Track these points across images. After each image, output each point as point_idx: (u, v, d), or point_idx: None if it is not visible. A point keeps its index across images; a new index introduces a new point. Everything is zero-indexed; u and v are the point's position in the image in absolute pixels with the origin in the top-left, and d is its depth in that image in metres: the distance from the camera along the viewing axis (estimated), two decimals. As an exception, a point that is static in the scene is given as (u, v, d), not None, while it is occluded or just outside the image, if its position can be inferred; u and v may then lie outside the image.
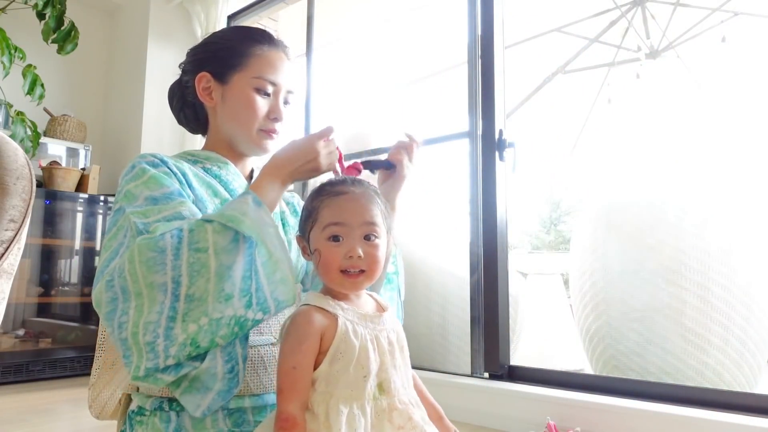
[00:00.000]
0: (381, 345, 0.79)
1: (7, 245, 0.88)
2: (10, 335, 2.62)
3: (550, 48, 4.83)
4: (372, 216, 0.81)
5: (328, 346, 0.75)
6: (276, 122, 1.02)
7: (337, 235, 0.79)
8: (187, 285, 0.75)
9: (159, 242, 0.76)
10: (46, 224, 2.78)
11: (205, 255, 0.76)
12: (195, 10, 3.21)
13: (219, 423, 0.84)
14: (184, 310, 0.75)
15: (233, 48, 1.02)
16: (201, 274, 0.76)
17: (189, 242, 0.76)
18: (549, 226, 12.34)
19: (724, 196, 2.25)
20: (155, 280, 0.75)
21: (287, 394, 0.73)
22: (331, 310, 0.78)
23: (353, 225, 0.79)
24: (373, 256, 0.80)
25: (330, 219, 0.80)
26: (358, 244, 0.79)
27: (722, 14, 3.98)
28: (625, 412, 1.61)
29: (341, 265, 0.78)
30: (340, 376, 0.75)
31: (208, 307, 0.75)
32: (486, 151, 2.11)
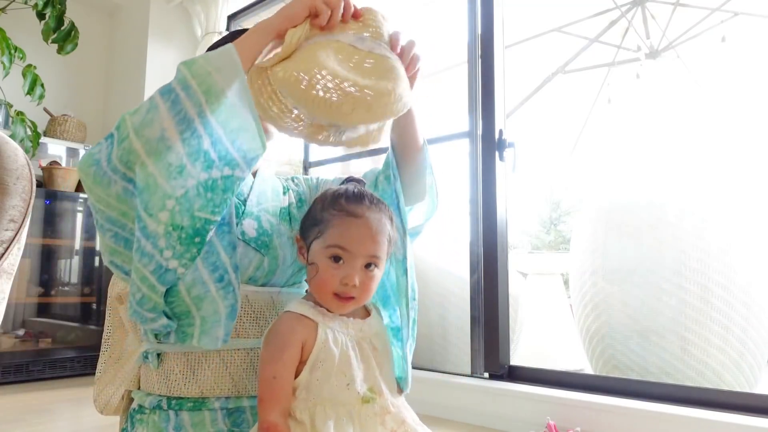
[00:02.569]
0: (364, 350, 0.78)
1: (7, 245, 0.88)
2: (10, 335, 2.62)
3: (550, 48, 4.84)
4: (377, 249, 0.80)
5: (309, 354, 0.75)
6: None
7: (339, 257, 0.78)
8: (136, 174, 0.70)
9: (94, 155, 0.72)
10: (46, 224, 2.78)
11: (128, 141, 0.70)
12: (195, 10, 3.21)
13: (218, 422, 0.84)
14: (144, 203, 0.69)
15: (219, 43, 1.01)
16: (135, 162, 0.70)
17: (117, 140, 0.71)
18: (549, 226, 12.34)
19: (724, 196, 2.25)
20: (115, 190, 0.71)
21: (267, 403, 0.73)
22: (312, 317, 0.77)
23: (357, 254, 0.78)
24: (367, 286, 0.79)
25: (336, 241, 0.78)
26: (357, 272, 0.78)
27: (722, 14, 3.98)
28: (625, 412, 1.61)
29: (335, 289, 0.77)
30: (322, 384, 0.74)
31: (166, 188, 0.69)
32: (486, 151, 2.11)
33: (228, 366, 0.86)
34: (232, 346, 0.86)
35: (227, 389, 0.85)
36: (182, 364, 0.85)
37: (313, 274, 0.80)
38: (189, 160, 0.69)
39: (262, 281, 0.92)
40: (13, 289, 2.13)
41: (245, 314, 0.89)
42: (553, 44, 4.71)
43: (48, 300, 2.81)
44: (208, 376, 0.85)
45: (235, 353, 0.87)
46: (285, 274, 0.95)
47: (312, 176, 1.17)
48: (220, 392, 0.85)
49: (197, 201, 0.70)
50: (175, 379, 0.85)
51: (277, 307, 0.93)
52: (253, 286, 0.91)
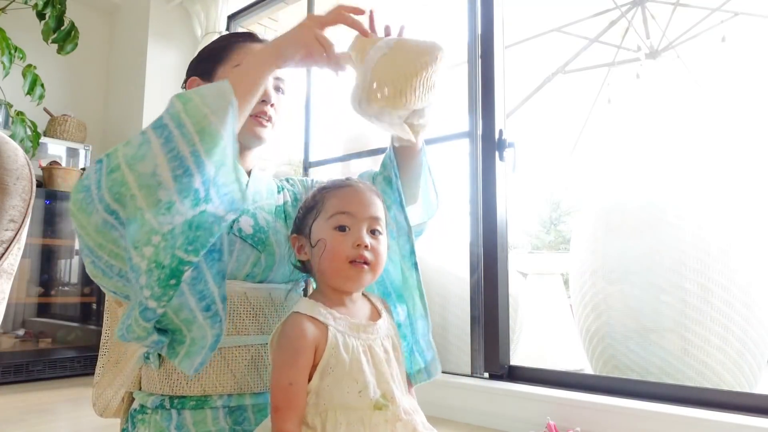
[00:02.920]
0: (376, 355, 0.76)
1: (7, 245, 0.88)
2: (10, 335, 2.62)
3: (550, 48, 4.84)
4: (377, 210, 0.81)
5: (320, 359, 0.72)
6: (266, 105, 0.99)
7: (344, 225, 0.78)
8: (120, 210, 0.70)
9: (84, 181, 0.71)
10: (46, 224, 2.78)
11: (119, 173, 0.69)
12: (195, 10, 3.21)
13: (220, 421, 0.84)
14: (132, 237, 0.69)
15: (216, 47, 1.02)
16: (124, 194, 0.69)
17: (106, 169, 0.70)
18: (549, 226, 12.34)
19: (724, 196, 2.25)
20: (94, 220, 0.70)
21: (284, 412, 0.70)
22: (322, 319, 0.75)
23: (360, 216, 0.79)
24: (378, 250, 0.79)
25: (337, 208, 0.79)
26: (365, 235, 0.78)
27: (722, 14, 3.98)
28: (625, 412, 1.61)
29: (349, 255, 0.76)
30: (333, 390, 0.72)
31: (153, 223, 0.68)
32: (486, 151, 2.11)
33: (229, 363, 0.86)
34: (233, 343, 0.86)
35: (229, 387, 0.85)
36: None
37: (321, 250, 0.78)
38: (179, 197, 0.68)
39: (259, 278, 0.92)
40: (13, 289, 2.13)
41: (244, 311, 0.89)
42: (553, 44, 4.72)
43: (48, 300, 2.81)
44: (210, 374, 0.85)
45: (235, 350, 0.87)
46: (283, 271, 0.95)
47: (307, 178, 1.18)
48: (222, 390, 0.85)
49: (180, 238, 0.69)
50: (177, 379, 0.85)
51: (276, 304, 0.93)
52: (251, 283, 0.91)
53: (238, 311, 0.88)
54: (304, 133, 2.90)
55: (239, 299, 0.89)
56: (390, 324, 0.84)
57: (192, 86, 1.02)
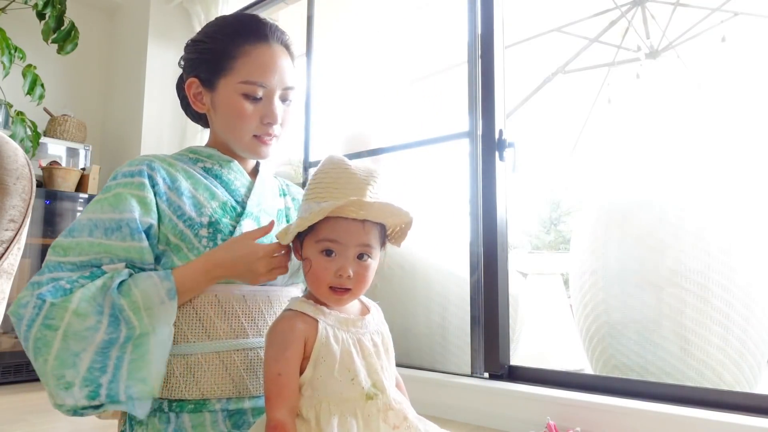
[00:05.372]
0: (365, 348, 0.78)
1: (7, 245, 0.88)
2: (10, 335, 2.62)
3: (550, 48, 4.83)
4: (369, 239, 0.80)
5: (310, 351, 0.75)
6: (270, 126, 0.96)
7: (331, 250, 0.78)
8: (33, 359, 0.76)
9: (20, 309, 0.76)
10: (46, 224, 2.78)
11: (53, 334, 0.74)
12: (195, 10, 3.21)
13: (219, 424, 0.84)
14: (41, 373, 0.76)
15: (219, 49, 0.94)
16: (41, 353, 0.74)
17: (45, 316, 0.74)
18: (549, 226, 12.34)
19: (725, 196, 2.25)
20: (21, 340, 0.77)
21: (275, 401, 0.73)
22: (312, 314, 0.78)
23: (349, 245, 0.78)
24: (362, 276, 0.79)
25: (326, 235, 0.78)
26: (350, 263, 0.78)
27: (722, 14, 3.98)
28: (625, 412, 1.61)
29: (330, 282, 0.78)
30: (326, 380, 0.74)
31: (51, 389, 0.75)
32: (486, 151, 2.11)
33: (228, 367, 0.86)
34: (231, 347, 0.86)
35: (228, 390, 0.85)
36: (182, 366, 0.84)
37: (307, 269, 0.80)
38: (80, 383, 0.75)
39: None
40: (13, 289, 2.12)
41: (243, 314, 0.88)
42: (553, 44, 4.71)
43: (48, 300, 2.81)
44: (208, 378, 0.84)
45: (234, 354, 0.86)
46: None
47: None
48: (220, 393, 0.84)
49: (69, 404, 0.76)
50: (176, 382, 0.84)
51: (275, 307, 0.93)
52: (250, 286, 0.91)
53: (236, 314, 0.88)
54: (304, 133, 2.90)
55: (237, 302, 0.88)
56: (379, 320, 0.86)
57: (191, 88, 0.98)
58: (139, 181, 0.87)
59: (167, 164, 0.93)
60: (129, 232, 0.83)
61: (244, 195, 0.98)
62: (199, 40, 0.98)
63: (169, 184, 0.90)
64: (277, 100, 0.96)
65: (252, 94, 0.93)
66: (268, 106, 0.95)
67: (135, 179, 0.87)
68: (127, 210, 0.84)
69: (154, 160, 0.91)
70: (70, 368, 0.74)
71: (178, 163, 0.95)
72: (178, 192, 0.90)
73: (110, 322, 0.76)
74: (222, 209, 0.93)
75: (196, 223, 0.89)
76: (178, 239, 0.88)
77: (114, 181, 0.88)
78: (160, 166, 0.91)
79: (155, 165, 0.90)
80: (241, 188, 0.99)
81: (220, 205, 0.93)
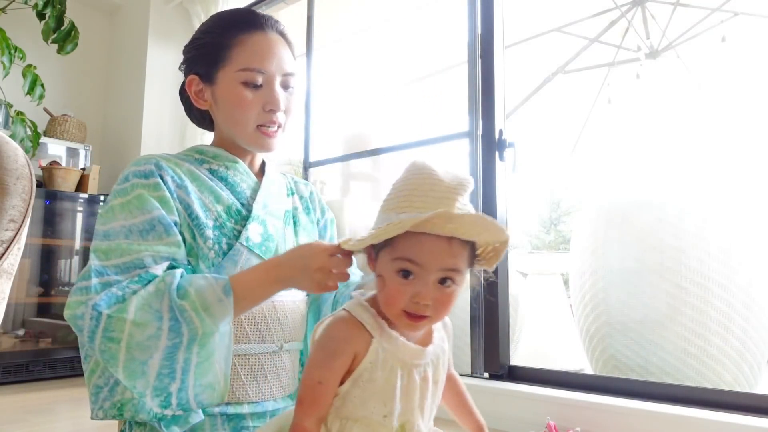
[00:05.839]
0: (411, 382, 0.70)
1: (7, 245, 0.88)
2: (10, 335, 2.62)
3: (550, 48, 4.83)
4: (455, 262, 0.68)
5: (355, 367, 0.69)
6: (273, 114, 0.93)
7: (408, 272, 0.66)
8: (103, 368, 0.76)
9: (78, 321, 0.75)
10: (46, 224, 2.78)
11: (116, 347, 0.73)
12: (195, 10, 3.21)
13: (218, 428, 0.83)
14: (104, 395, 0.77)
15: (215, 42, 0.93)
16: (110, 364, 0.74)
17: (104, 329, 0.73)
18: (549, 226, 12.35)
19: (724, 196, 2.25)
20: (88, 349, 0.78)
21: (307, 407, 0.68)
22: (368, 328, 0.69)
23: (430, 268, 0.66)
24: (443, 303, 0.68)
25: (404, 253, 0.66)
26: (430, 289, 0.66)
27: (722, 14, 3.98)
28: (625, 412, 1.61)
29: (406, 307, 0.67)
30: (358, 405, 0.69)
31: (125, 393, 0.77)
32: (486, 151, 2.11)
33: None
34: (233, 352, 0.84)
35: (227, 395, 0.84)
36: None
37: (380, 287, 0.70)
38: (152, 393, 0.74)
39: None
40: (13, 289, 2.13)
41: (246, 319, 0.87)
42: (553, 44, 4.71)
43: (48, 300, 2.81)
44: None
45: (235, 359, 0.85)
46: None
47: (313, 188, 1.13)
48: None
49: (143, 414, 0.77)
50: None
51: (279, 313, 0.91)
52: None
53: (239, 319, 0.86)
54: (304, 133, 2.90)
55: None
56: (440, 348, 0.76)
57: (191, 86, 0.97)
58: (154, 181, 0.85)
59: (173, 164, 0.91)
60: (164, 229, 0.82)
61: (250, 197, 0.96)
62: (196, 37, 0.97)
63: (178, 182, 0.88)
64: (279, 87, 0.94)
65: (251, 80, 0.91)
66: (269, 93, 0.92)
67: (150, 180, 0.85)
68: (154, 208, 0.83)
69: (160, 159, 0.90)
70: (139, 378, 0.73)
71: (183, 164, 0.93)
72: (186, 191, 0.88)
73: (171, 326, 0.74)
74: (227, 213, 0.91)
75: (202, 223, 0.87)
76: (191, 239, 0.87)
77: (128, 182, 0.86)
78: (167, 166, 0.89)
79: (162, 164, 0.89)
80: (247, 190, 0.96)
81: (225, 209, 0.91)
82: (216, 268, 0.87)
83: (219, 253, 0.87)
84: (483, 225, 0.66)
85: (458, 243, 0.67)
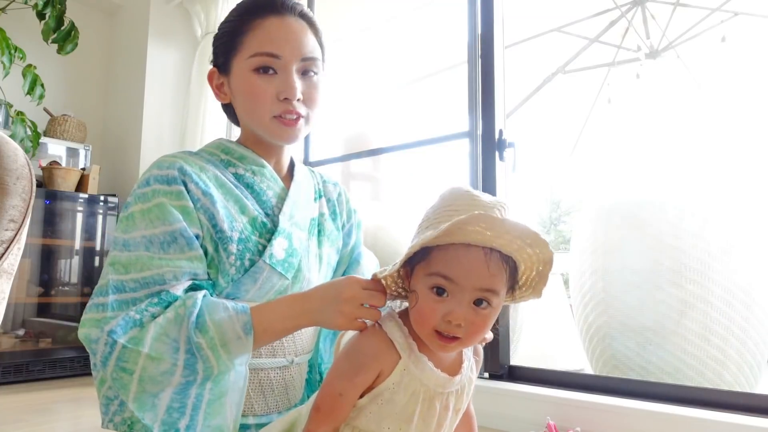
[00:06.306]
0: (432, 408, 0.68)
1: (7, 245, 0.88)
2: (10, 335, 2.62)
3: (550, 48, 4.83)
4: (492, 282, 0.64)
5: (378, 384, 0.67)
6: (289, 103, 0.85)
7: (443, 289, 0.64)
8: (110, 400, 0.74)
9: (91, 344, 0.73)
10: (46, 224, 2.78)
11: (129, 378, 0.71)
12: (195, 10, 3.21)
13: None
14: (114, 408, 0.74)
15: (230, 30, 0.88)
16: (121, 393, 0.71)
17: (118, 358, 0.71)
18: (549, 226, 12.34)
19: (725, 196, 2.25)
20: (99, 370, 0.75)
21: (324, 416, 0.67)
22: (398, 347, 0.67)
23: (465, 286, 0.63)
24: (476, 326, 0.64)
25: (440, 268, 0.64)
26: (463, 309, 0.63)
27: (722, 14, 3.98)
28: (625, 412, 1.61)
29: (437, 326, 0.64)
30: (372, 421, 0.68)
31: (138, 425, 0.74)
32: (486, 151, 2.11)
33: None
34: None
35: None
36: None
37: (413, 304, 0.67)
38: (160, 427, 0.71)
39: None
40: (13, 289, 2.12)
41: None
42: (553, 44, 4.71)
43: (48, 300, 2.81)
44: None
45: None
46: None
47: (354, 210, 1.08)
48: None
49: None
50: None
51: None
52: None
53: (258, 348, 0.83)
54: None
55: None
56: (467, 377, 0.73)
57: (212, 78, 0.92)
58: (177, 189, 0.81)
59: (198, 168, 0.85)
60: (185, 243, 0.78)
61: (275, 206, 0.91)
62: (218, 29, 0.93)
63: (203, 189, 0.83)
64: (295, 74, 0.87)
65: (262, 65, 0.85)
66: (283, 79, 0.85)
67: (173, 187, 0.81)
68: (176, 221, 0.79)
69: (184, 164, 0.84)
70: (149, 411, 0.71)
71: (209, 167, 0.87)
72: (212, 200, 0.83)
73: (186, 362, 0.71)
74: (251, 225, 0.86)
75: (226, 237, 0.82)
76: (214, 251, 0.82)
77: (149, 187, 0.81)
78: (191, 171, 0.83)
79: (186, 169, 0.83)
80: (273, 198, 0.91)
81: (250, 221, 0.86)
82: (235, 283, 0.83)
83: (240, 269, 0.83)
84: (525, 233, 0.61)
85: (497, 260, 0.63)
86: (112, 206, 2.98)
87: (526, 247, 0.63)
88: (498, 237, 0.62)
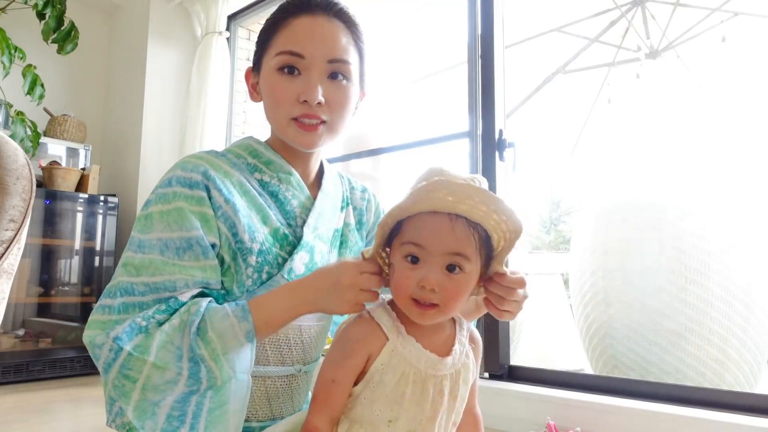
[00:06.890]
0: (425, 391, 0.68)
1: (7, 245, 0.88)
2: (10, 335, 2.62)
3: (550, 48, 4.84)
4: (461, 246, 0.65)
5: (369, 368, 0.68)
6: (308, 106, 0.81)
7: (416, 257, 0.66)
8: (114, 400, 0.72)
9: (95, 349, 0.71)
10: (46, 224, 2.78)
11: (132, 386, 0.70)
12: (195, 10, 3.21)
13: None
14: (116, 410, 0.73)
15: (265, 28, 0.86)
16: (122, 400, 0.70)
17: (122, 365, 0.70)
18: (549, 226, 12.34)
19: (725, 196, 2.25)
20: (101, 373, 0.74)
21: (320, 405, 0.69)
22: (385, 330, 0.68)
23: (435, 251, 0.65)
24: (450, 291, 0.66)
25: (410, 237, 0.67)
26: (436, 273, 0.65)
27: (722, 14, 3.98)
28: (625, 412, 1.61)
29: (412, 293, 0.66)
30: (365, 406, 0.68)
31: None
32: (486, 151, 2.11)
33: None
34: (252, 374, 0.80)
35: None
36: None
37: (391, 276, 0.70)
38: None
39: None
40: (13, 289, 2.13)
41: (268, 341, 0.83)
42: (553, 44, 4.72)
43: (48, 300, 2.81)
44: None
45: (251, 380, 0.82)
46: None
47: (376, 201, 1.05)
48: None
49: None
50: None
51: (304, 336, 0.86)
52: None
53: (263, 342, 0.82)
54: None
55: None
56: (462, 362, 0.72)
57: (248, 78, 0.90)
58: (198, 194, 0.78)
59: (223, 173, 0.82)
60: (201, 251, 0.76)
61: (299, 216, 0.88)
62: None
63: (226, 197, 0.80)
64: (320, 76, 0.81)
65: (286, 64, 0.81)
66: (305, 81, 0.81)
67: (194, 192, 0.78)
68: (194, 228, 0.76)
69: (210, 168, 0.80)
70: (149, 419, 0.69)
71: (234, 172, 0.84)
72: (234, 208, 0.80)
73: (190, 370, 0.70)
74: (273, 236, 0.83)
75: (246, 248, 0.80)
76: (231, 259, 0.80)
77: (170, 188, 0.78)
78: (215, 176, 0.80)
79: (211, 174, 0.80)
80: (297, 208, 0.88)
81: (272, 232, 0.83)
82: (249, 293, 0.81)
83: (257, 281, 0.81)
84: (489, 200, 0.62)
85: (463, 225, 0.65)
86: (112, 206, 2.98)
87: (492, 214, 0.64)
88: (460, 202, 0.63)
